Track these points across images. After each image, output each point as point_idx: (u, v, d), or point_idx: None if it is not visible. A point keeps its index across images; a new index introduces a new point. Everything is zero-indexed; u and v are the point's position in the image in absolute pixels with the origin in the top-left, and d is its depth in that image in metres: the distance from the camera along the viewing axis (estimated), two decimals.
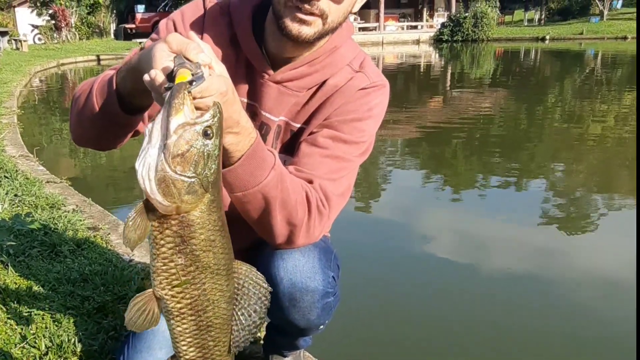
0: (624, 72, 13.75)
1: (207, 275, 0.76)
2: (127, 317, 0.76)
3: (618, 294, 2.73)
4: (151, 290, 0.77)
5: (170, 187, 0.69)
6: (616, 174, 5.19)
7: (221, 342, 0.83)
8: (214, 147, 0.71)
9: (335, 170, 1.08)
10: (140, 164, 0.69)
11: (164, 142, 0.68)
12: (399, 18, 30.26)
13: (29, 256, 2.22)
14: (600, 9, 28.38)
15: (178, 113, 0.68)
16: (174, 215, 0.71)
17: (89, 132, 1.07)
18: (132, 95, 0.94)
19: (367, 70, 1.15)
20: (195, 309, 0.78)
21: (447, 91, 11.49)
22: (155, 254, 0.74)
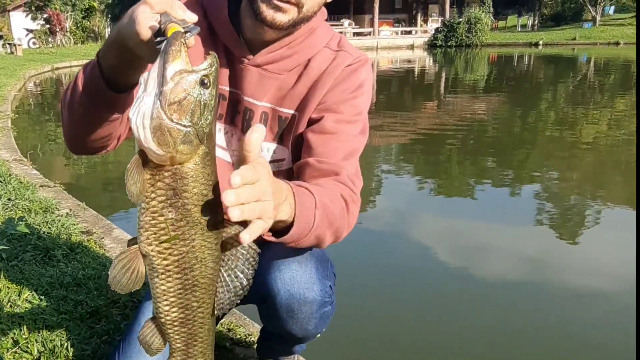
0: (616, 77, 13.87)
1: (197, 231, 0.74)
2: (111, 275, 0.73)
3: (615, 297, 2.75)
4: (137, 246, 0.74)
5: (165, 135, 0.67)
6: (610, 178, 5.23)
7: (205, 303, 0.80)
8: (210, 96, 0.70)
9: (350, 153, 1.10)
10: (135, 112, 0.67)
11: (160, 89, 0.67)
12: (393, 23, 30.45)
13: (22, 260, 2.21)
14: (592, 14, 28.64)
15: (175, 60, 0.67)
16: (167, 166, 0.69)
17: (81, 129, 1.02)
18: (117, 72, 0.90)
19: (346, 48, 1.17)
20: (182, 267, 0.75)
21: (441, 96, 11.54)
22: (145, 208, 0.71)
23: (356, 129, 1.13)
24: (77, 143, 1.08)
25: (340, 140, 1.10)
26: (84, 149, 1.09)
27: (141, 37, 0.76)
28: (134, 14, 0.77)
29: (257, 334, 1.79)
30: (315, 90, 1.13)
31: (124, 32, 0.80)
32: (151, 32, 0.75)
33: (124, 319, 1.78)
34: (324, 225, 0.95)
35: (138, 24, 0.76)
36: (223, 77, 1.13)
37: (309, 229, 0.92)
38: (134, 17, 0.77)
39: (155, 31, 0.75)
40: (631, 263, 2.99)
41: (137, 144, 0.69)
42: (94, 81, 0.91)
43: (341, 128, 1.10)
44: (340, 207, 1.01)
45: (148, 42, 0.75)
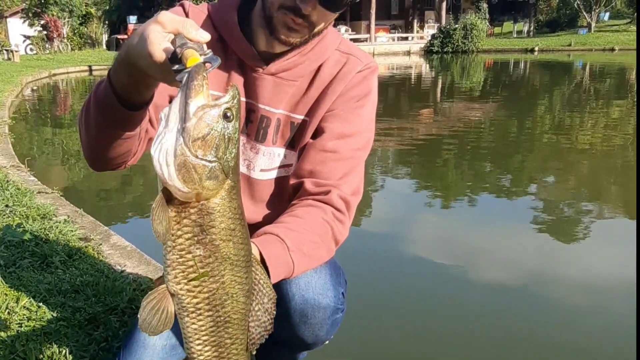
0: (612, 83, 13.95)
1: (227, 267, 0.72)
2: (141, 318, 0.72)
3: (613, 303, 2.75)
4: (164, 286, 0.72)
5: (190, 172, 0.65)
6: (607, 183, 5.25)
7: (238, 339, 0.78)
8: (234, 129, 0.68)
9: (348, 172, 1.13)
10: (157, 149, 0.65)
11: (182, 125, 0.65)
12: (389, 29, 30.55)
13: (20, 267, 2.20)
14: (587, 21, 28.82)
15: (198, 95, 0.65)
16: (193, 203, 0.68)
17: (99, 147, 1.02)
18: (129, 90, 0.88)
19: (355, 53, 1.19)
20: (213, 304, 0.73)
21: (437, 102, 11.58)
22: (171, 246, 0.70)
23: (360, 141, 1.15)
24: (97, 161, 1.08)
25: (340, 159, 1.12)
26: (104, 166, 1.09)
27: (154, 58, 0.74)
28: (145, 32, 0.75)
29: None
30: (325, 95, 1.14)
31: (134, 52, 0.78)
32: (165, 55, 0.73)
33: (123, 326, 1.78)
34: (307, 259, 1.01)
35: (150, 44, 0.74)
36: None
37: (291, 270, 0.97)
38: (145, 37, 0.75)
39: (169, 53, 0.72)
40: (629, 269, 3.00)
41: (161, 182, 0.67)
42: (108, 100, 0.91)
43: (342, 145, 1.12)
44: (323, 232, 1.06)
45: (161, 64, 0.74)
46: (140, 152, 1.10)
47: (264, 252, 0.90)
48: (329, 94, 1.14)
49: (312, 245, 1.02)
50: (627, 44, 24.24)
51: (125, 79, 0.86)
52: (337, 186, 1.11)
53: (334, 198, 1.09)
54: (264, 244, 0.92)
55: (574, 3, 29.13)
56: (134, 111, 0.92)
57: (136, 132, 0.99)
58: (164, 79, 0.78)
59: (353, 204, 1.13)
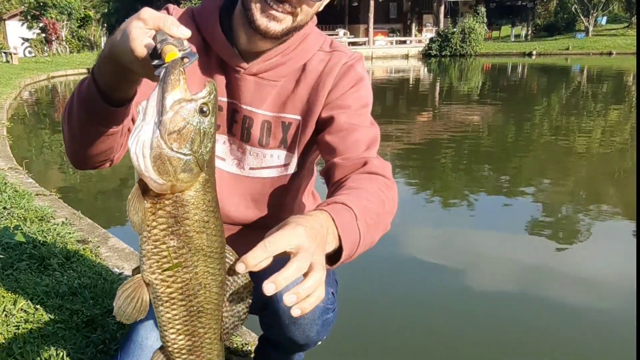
0: (610, 86, 14.00)
1: (200, 258, 0.74)
2: (116, 306, 0.74)
3: (613, 305, 2.76)
4: (140, 275, 0.74)
5: (165, 164, 0.67)
6: (606, 186, 5.26)
7: (212, 328, 0.81)
8: (209, 124, 0.70)
9: (370, 143, 1.11)
10: (134, 141, 0.67)
11: (159, 118, 0.67)
12: (388, 33, 30.62)
13: (18, 269, 2.20)
14: (585, 25, 28.93)
15: (174, 89, 0.67)
16: (167, 194, 0.70)
17: (82, 144, 1.03)
18: (112, 87, 0.89)
19: (339, 48, 1.18)
20: (186, 294, 0.76)
21: (436, 105, 11.60)
22: (146, 237, 0.72)
23: (366, 120, 1.14)
24: (80, 158, 1.08)
25: (358, 133, 1.10)
26: (86, 164, 1.09)
27: (135, 53, 0.75)
28: (128, 29, 0.76)
29: (253, 343, 1.79)
30: (317, 92, 1.14)
31: (117, 48, 0.80)
32: (146, 51, 0.74)
33: (120, 329, 1.77)
34: (370, 231, 0.93)
35: (132, 40, 0.75)
36: (219, 87, 1.13)
37: (357, 244, 0.90)
38: (127, 33, 0.76)
39: (150, 49, 0.74)
40: (629, 271, 3.01)
41: (137, 173, 0.69)
42: (91, 97, 0.91)
43: (354, 122, 1.11)
44: (380, 201, 0.99)
45: (143, 59, 0.75)
46: (123, 151, 1.10)
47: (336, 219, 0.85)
48: (320, 90, 1.13)
49: (374, 217, 0.95)
50: (625, 48, 24.33)
51: (109, 75, 0.87)
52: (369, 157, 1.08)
53: (375, 167, 1.05)
54: (336, 212, 0.86)
55: (571, 7, 29.24)
56: (116, 107, 0.93)
57: (118, 129, 0.99)
58: (145, 75, 0.79)
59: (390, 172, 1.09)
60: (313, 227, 0.76)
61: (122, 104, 0.93)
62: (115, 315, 0.75)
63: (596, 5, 28.18)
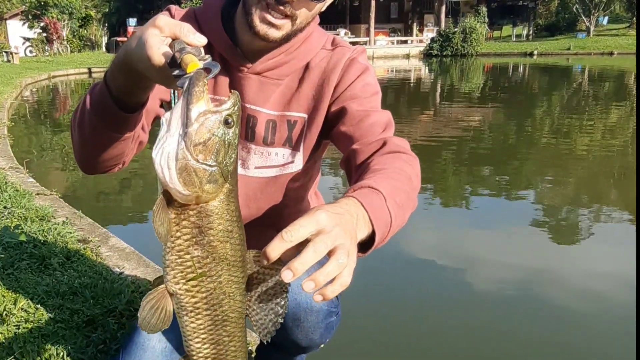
0: (611, 86, 13.98)
1: (224, 267, 0.75)
2: (141, 316, 0.74)
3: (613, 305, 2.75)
4: (164, 286, 0.75)
5: (191, 175, 0.67)
6: (607, 186, 5.26)
7: (236, 336, 0.81)
8: (234, 135, 0.71)
9: (386, 125, 1.10)
10: (158, 153, 0.68)
11: (184, 130, 0.67)
12: (389, 33, 30.62)
13: (18, 269, 2.19)
14: (586, 25, 28.91)
15: (199, 101, 0.68)
16: (192, 205, 0.70)
17: (93, 149, 1.02)
18: (125, 92, 0.89)
19: (341, 44, 1.18)
20: (211, 303, 0.76)
21: (437, 105, 11.60)
22: (170, 247, 0.72)
23: (378, 105, 1.14)
24: (90, 164, 1.07)
25: (372, 117, 1.09)
26: (96, 169, 1.09)
27: (153, 61, 0.75)
28: (144, 37, 0.76)
29: (254, 342, 1.79)
30: (322, 89, 1.13)
31: (133, 56, 0.80)
32: (164, 59, 0.74)
33: (121, 328, 1.77)
34: (401, 210, 0.90)
35: (149, 48, 0.75)
36: (223, 87, 1.13)
37: (389, 227, 0.86)
38: (143, 41, 0.76)
39: (168, 58, 0.74)
40: (629, 271, 3.00)
41: (161, 185, 0.69)
42: (103, 102, 0.91)
43: (367, 108, 1.10)
44: (407, 178, 0.96)
45: (160, 67, 0.75)
46: (131, 156, 1.10)
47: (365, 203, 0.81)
48: (325, 87, 1.13)
49: (403, 196, 0.92)
50: (626, 48, 24.31)
51: (122, 81, 0.87)
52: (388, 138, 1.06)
53: (395, 146, 1.03)
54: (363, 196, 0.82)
55: (573, 7, 29.22)
56: (129, 113, 0.92)
57: (131, 135, 0.99)
58: (160, 81, 0.79)
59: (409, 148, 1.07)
60: (337, 212, 0.72)
61: (135, 109, 0.93)
62: (140, 326, 0.75)
63: (597, 5, 28.15)
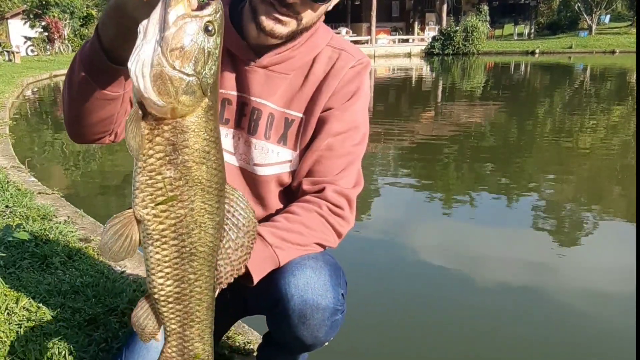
0: (613, 85, 13.95)
1: (197, 192, 0.68)
2: (102, 241, 0.68)
3: (614, 304, 2.75)
4: (131, 210, 0.69)
5: (166, 83, 0.63)
6: (608, 185, 5.25)
7: (203, 275, 0.73)
8: (214, 45, 0.65)
9: (346, 167, 1.16)
10: (134, 61, 0.63)
11: (161, 34, 0.62)
12: (390, 31, 30.59)
13: (20, 268, 2.20)
14: (588, 23, 28.84)
15: (178, 4, 0.63)
16: (167, 119, 0.65)
17: (82, 109, 1.00)
18: (116, 44, 0.87)
19: (347, 48, 1.20)
20: (179, 232, 0.69)
21: (438, 104, 11.58)
22: (141, 167, 0.66)
23: (355, 137, 1.17)
24: (78, 127, 1.05)
25: (335, 156, 1.15)
26: (85, 135, 1.06)
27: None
28: None
29: (255, 342, 1.79)
30: (320, 92, 1.15)
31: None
32: None
33: (122, 327, 1.77)
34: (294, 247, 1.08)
35: None
36: (229, 81, 1.14)
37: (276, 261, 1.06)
38: None
39: None
40: (630, 270, 2.99)
41: (136, 96, 0.65)
42: (94, 55, 0.90)
43: (337, 142, 1.15)
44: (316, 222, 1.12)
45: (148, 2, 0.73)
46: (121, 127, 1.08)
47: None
48: (324, 91, 1.15)
49: (296, 236, 1.08)
50: (628, 46, 24.26)
51: (113, 29, 0.85)
52: (333, 182, 1.14)
53: (328, 194, 1.13)
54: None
55: (574, 5, 29.15)
56: (119, 65, 0.91)
57: (119, 95, 0.97)
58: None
59: (352, 197, 1.16)
60: None
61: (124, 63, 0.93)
62: (100, 251, 0.71)
63: (599, 3, 28.08)
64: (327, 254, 1.21)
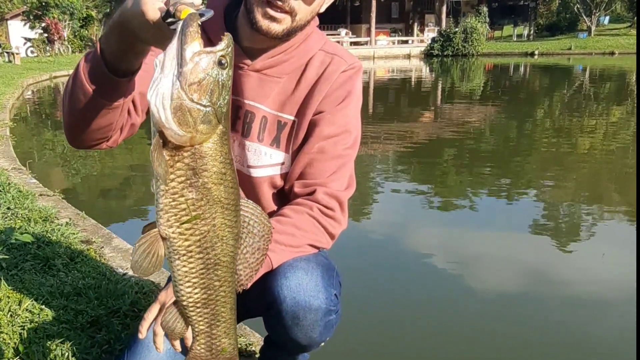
0: (612, 86, 13.97)
1: (218, 210, 0.75)
2: (133, 260, 0.75)
3: (613, 305, 2.76)
4: (156, 230, 0.75)
5: (186, 115, 0.68)
6: (607, 186, 5.26)
7: (227, 281, 0.81)
8: (227, 77, 0.72)
9: (337, 170, 1.17)
10: (153, 93, 0.68)
11: (179, 70, 0.68)
12: (390, 33, 30.60)
13: (22, 270, 2.20)
14: (587, 25, 28.87)
15: (194, 41, 0.68)
16: (186, 146, 0.71)
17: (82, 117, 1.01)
18: (118, 57, 0.90)
19: (340, 53, 1.21)
20: (204, 246, 0.77)
21: (438, 105, 11.59)
22: (164, 190, 0.72)
23: (347, 140, 1.18)
24: (77, 133, 1.07)
25: (327, 159, 1.16)
26: (84, 141, 1.08)
27: (147, 16, 0.77)
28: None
29: (257, 343, 1.80)
30: (312, 95, 1.16)
31: (128, 13, 0.81)
32: (159, 14, 0.76)
33: (125, 329, 1.78)
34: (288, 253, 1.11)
35: (145, 4, 0.77)
36: None
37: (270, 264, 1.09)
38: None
39: (163, 12, 0.76)
40: (629, 271, 3.00)
41: (156, 126, 0.70)
42: (96, 67, 0.92)
43: (329, 145, 1.16)
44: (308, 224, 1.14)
45: (154, 23, 0.76)
46: (121, 135, 1.10)
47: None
48: (315, 95, 1.16)
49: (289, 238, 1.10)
50: (627, 47, 24.29)
51: (116, 44, 0.88)
52: (324, 184, 1.15)
53: (319, 196, 1.14)
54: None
55: (574, 7, 29.19)
56: (121, 78, 0.93)
57: (120, 104, 0.99)
58: (155, 40, 0.81)
59: (343, 199, 1.18)
60: None
61: (126, 75, 0.94)
62: (132, 269, 0.76)
63: (598, 4, 28.12)
64: (321, 255, 1.23)
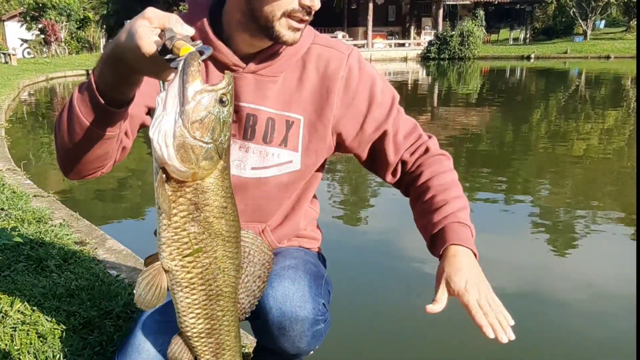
0: (608, 90, 14.03)
1: (219, 243, 0.77)
2: (137, 293, 0.76)
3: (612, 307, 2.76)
4: (159, 263, 0.76)
5: (188, 152, 0.70)
6: (604, 189, 5.27)
7: (230, 311, 0.83)
8: (228, 114, 0.73)
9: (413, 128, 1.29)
10: (155, 131, 0.70)
11: (181, 108, 0.69)
12: (386, 36, 30.68)
13: (15, 271, 2.19)
14: (583, 28, 29.02)
15: (195, 80, 0.70)
16: (188, 182, 0.72)
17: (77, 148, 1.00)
18: (113, 88, 0.89)
19: (334, 45, 1.21)
20: (206, 278, 0.78)
21: (434, 108, 11.62)
22: (166, 224, 0.74)
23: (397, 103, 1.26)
24: (73, 165, 1.05)
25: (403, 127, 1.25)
26: (79, 172, 1.07)
27: (143, 50, 0.76)
28: (133, 28, 0.77)
29: (250, 345, 1.79)
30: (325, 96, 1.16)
31: (122, 47, 0.80)
32: (155, 47, 0.76)
33: (117, 331, 1.77)
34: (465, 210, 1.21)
35: (140, 38, 0.76)
36: None
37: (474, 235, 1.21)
38: (133, 32, 0.77)
39: (159, 46, 0.76)
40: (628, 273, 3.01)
41: (158, 162, 0.71)
42: (91, 98, 0.91)
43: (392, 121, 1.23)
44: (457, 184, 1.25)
45: (150, 56, 0.76)
46: (113, 160, 1.09)
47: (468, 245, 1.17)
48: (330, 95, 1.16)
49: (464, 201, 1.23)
50: (623, 51, 24.43)
51: (110, 76, 0.87)
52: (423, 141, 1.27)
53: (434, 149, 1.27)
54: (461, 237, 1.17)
55: (570, 11, 29.34)
56: (116, 108, 0.92)
57: (115, 134, 0.98)
58: (151, 72, 0.81)
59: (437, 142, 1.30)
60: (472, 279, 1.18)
61: (121, 106, 0.93)
62: (135, 302, 0.77)
63: (594, 9, 28.27)
64: (310, 262, 1.22)
